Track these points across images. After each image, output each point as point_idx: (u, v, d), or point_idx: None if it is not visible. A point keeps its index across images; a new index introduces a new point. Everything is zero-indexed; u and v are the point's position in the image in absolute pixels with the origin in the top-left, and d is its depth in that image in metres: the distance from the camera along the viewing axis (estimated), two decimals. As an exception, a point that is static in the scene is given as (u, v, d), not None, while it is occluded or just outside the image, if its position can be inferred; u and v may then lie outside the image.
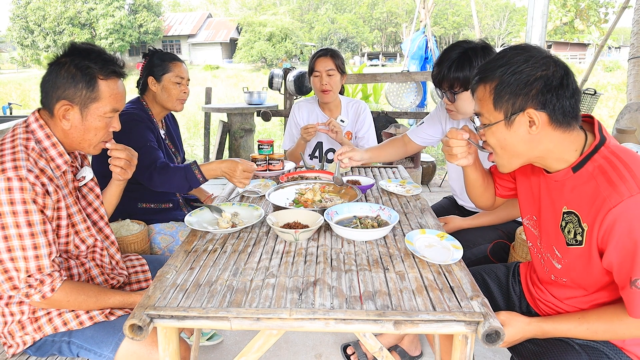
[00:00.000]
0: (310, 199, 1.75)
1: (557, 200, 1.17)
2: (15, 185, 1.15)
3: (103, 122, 1.34)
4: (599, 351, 1.17)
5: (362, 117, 2.63)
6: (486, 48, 1.71)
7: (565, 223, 1.15)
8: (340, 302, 1.08)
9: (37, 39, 32.26)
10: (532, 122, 1.08)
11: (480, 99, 1.15)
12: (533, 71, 1.06)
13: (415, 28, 6.42)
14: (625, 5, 5.75)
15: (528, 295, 1.42)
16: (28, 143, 1.25)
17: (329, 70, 2.44)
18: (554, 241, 1.20)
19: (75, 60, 1.28)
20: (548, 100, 1.05)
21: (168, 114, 2.27)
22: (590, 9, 18.32)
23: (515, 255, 1.77)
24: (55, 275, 1.22)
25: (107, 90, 1.31)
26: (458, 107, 1.79)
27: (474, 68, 1.67)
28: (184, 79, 2.09)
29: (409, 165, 4.58)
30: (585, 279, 1.15)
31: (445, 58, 1.73)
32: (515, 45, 1.12)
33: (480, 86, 1.14)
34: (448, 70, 1.72)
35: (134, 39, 33.00)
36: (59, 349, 1.34)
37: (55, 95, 1.28)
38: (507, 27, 46.00)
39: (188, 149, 7.68)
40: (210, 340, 2.23)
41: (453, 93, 1.75)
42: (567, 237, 1.15)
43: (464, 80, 1.70)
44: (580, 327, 1.12)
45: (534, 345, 1.23)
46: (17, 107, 7.13)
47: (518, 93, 1.07)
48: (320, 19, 45.83)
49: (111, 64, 1.32)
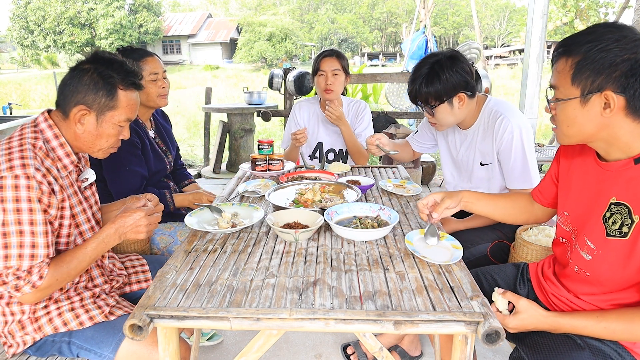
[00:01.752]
0: (310, 199, 1.75)
1: (605, 190, 1.15)
2: (23, 183, 1.16)
3: (116, 130, 1.37)
4: (603, 352, 1.16)
5: (362, 115, 2.66)
6: (453, 57, 1.72)
7: (611, 214, 1.12)
8: (340, 302, 1.08)
9: (37, 39, 32.25)
10: (607, 104, 1.04)
11: (559, 71, 1.10)
12: (622, 52, 1.00)
13: (415, 28, 6.43)
14: (625, 5, 5.76)
15: (539, 292, 1.42)
16: (36, 142, 1.26)
17: (335, 70, 2.45)
18: (588, 232, 1.18)
19: (98, 68, 1.32)
20: (630, 85, 1.01)
21: (157, 111, 2.26)
22: (590, 9, 18.33)
23: (515, 255, 1.77)
24: (43, 264, 1.21)
25: (125, 100, 1.35)
26: (439, 119, 1.82)
27: (443, 81, 1.69)
28: (159, 73, 2.03)
29: (409, 165, 4.58)
30: (614, 274, 1.12)
31: (417, 75, 1.75)
32: (608, 23, 1.08)
33: (562, 59, 1.10)
34: (419, 87, 1.74)
35: (134, 39, 32.99)
36: (59, 349, 1.34)
37: (75, 99, 1.30)
38: (507, 27, 46.00)
39: (188, 149, 7.69)
40: (210, 340, 2.23)
41: (431, 107, 1.77)
42: (609, 227, 1.12)
43: (436, 95, 1.72)
44: (597, 325, 1.11)
45: (541, 338, 1.23)
46: (17, 107, 7.14)
47: (600, 72, 1.02)
48: (320, 19, 45.83)
49: (132, 76, 1.37)
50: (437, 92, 1.72)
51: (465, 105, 1.78)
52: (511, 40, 38.22)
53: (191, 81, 21.54)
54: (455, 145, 2.02)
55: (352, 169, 2.39)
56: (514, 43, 32.31)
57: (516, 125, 1.76)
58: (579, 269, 1.21)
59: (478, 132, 1.89)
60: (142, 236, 1.36)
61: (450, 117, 1.80)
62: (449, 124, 1.85)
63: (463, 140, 1.97)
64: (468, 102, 1.78)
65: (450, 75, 1.69)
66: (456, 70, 1.70)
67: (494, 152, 1.84)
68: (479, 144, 1.89)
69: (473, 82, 1.77)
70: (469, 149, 1.94)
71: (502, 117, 1.78)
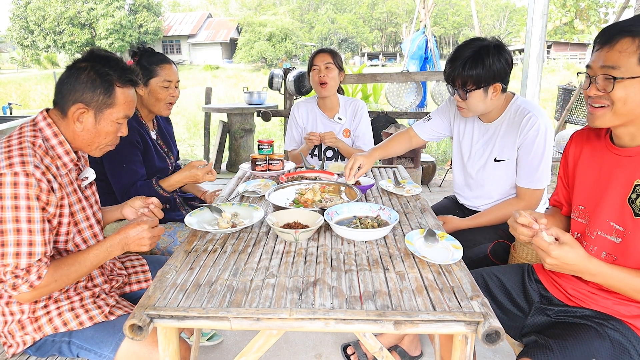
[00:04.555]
0: (310, 199, 1.75)
1: (628, 174, 1.20)
2: (22, 181, 1.16)
3: (114, 127, 1.38)
4: (622, 344, 1.18)
5: (359, 115, 2.67)
6: (499, 47, 1.72)
7: (637, 195, 1.17)
8: (340, 302, 1.08)
9: (37, 39, 32.27)
10: None
11: (621, 51, 1.12)
12: None
13: (415, 28, 6.42)
14: (625, 5, 5.76)
15: (554, 289, 1.42)
16: (35, 140, 1.26)
17: (327, 63, 2.50)
18: (614, 216, 1.22)
19: (95, 66, 1.32)
20: None
21: None
22: (590, 9, 18.32)
23: (515, 255, 1.77)
24: (42, 263, 1.20)
25: (122, 98, 1.36)
26: (469, 104, 1.80)
27: (486, 67, 1.69)
28: (173, 81, 2.04)
29: (409, 165, 4.58)
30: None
31: (459, 55, 1.74)
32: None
33: (626, 39, 1.12)
34: (462, 69, 1.72)
35: (134, 39, 33.00)
36: (59, 349, 1.34)
37: (72, 97, 1.30)
38: (507, 27, 46.00)
39: (188, 149, 7.68)
40: (210, 341, 2.23)
41: (465, 91, 1.76)
42: (636, 208, 1.17)
43: (476, 79, 1.71)
44: (635, 279, 1.12)
45: (561, 330, 1.26)
46: (17, 107, 7.13)
47: None
48: (320, 19, 45.83)
49: (129, 73, 1.37)
50: (478, 76, 1.70)
51: (497, 97, 1.79)
52: (511, 40, 38.20)
53: (191, 81, 21.53)
54: (472, 138, 2.01)
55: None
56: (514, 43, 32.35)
57: (543, 124, 1.77)
58: (607, 254, 1.24)
59: (501, 127, 1.88)
60: (145, 249, 1.36)
61: (482, 104, 1.79)
62: (476, 112, 1.84)
63: (483, 133, 1.96)
64: (500, 94, 1.79)
65: (493, 62, 1.69)
66: (500, 59, 1.70)
67: (514, 147, 1.84)
68: (499, 139, 1.89)
69: (509, 76, 1.78)
70: (488, 143, 1.94)
71: (530, 114, 1.79)
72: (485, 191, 1.99)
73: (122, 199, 1.86)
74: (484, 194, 2.00)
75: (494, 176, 1.94)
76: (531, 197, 1.84)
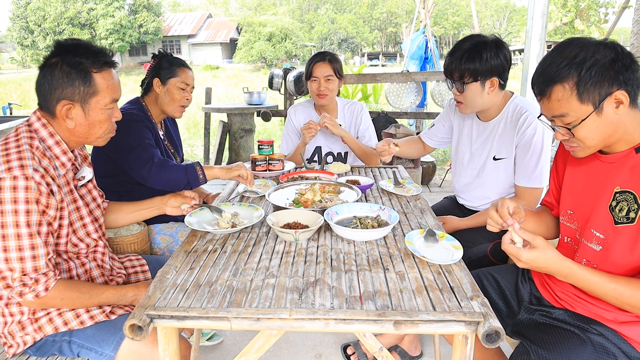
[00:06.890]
0: (310, 199, 1.75)
1: (609, 181, 1.20)
2: (21, 184, 1.15)
3: (105, 114, 1.35)
4: (605, 347, 1.18)
5: (361, 117, 2.63)
6: (498, 43, 1.74)
7: (617, 202, 1.17)
8: (340, 302, 1.08)
9: (37, 39, 32.24)
10: (618, 102, 1.10)
11: (559, 99, 1.14)
12: (604, 54, 1.08)
13: (415, 28, 6.42)
14: (625, 5, 5.76)
15: (543, 290, 1.43)
16: (32, 142, 1.25)
17: (328, 76, 2.42)
18: (596, 224, 1.22)
19: (65, 58, 1.28)
20: (627, 78, 1.09)
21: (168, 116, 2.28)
22: (590, 9, 18.30)
23: (515, 255, 1.78)
24: (50, 274, 1.22)
25: (104, 82, 1.32)
26: (467, 98, 1.82)
27: (484, 60, 1.71)
28: (189, 85, 2.10)
29: (409, 165, 4.58)
30: (624, 259, 1.15)
31: (458, 49, 1.77)
32: (562, 43, 1.15)
33: (556, 87, 1.13)
34: (460, 61, 1.75)
35: (134, 39, 33.00)
36: (60, 349, 1.34)
37: (54, 96, 1.28)
38: (507, 27, 45.99)
39: (188, 149, 7.68)
40: (210, 341, 2.23)
41: (463, 83, 1.78)
42: (616, 215, 1.17)
43: (473, 71, 1.74)
44: (608, 284, 1.12)
45: (544, 333, 1.26)
46: (17, 107, 7.13)
47: (602, 79, 1.09)
48: (320, 19, 45.82)
49: (102, 56, 1.32)
50: (475, 69, 1.73)
51: (495, 93, 1.81)
52: (511, 40, 38.16)
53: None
54: (470, 137, 2.02)
55: (352, 169, 2.39)
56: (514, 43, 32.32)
57: (540, 123, 1.77)
58: (587, 261, 1.25)
59: (499, 125, 1.89)
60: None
61: (479, 98, 1.81)
62: (474, 107, 1.86)
63: (481, 132, 1.97)
64: (497, 91, 1.81)
65: (491, 56, 1.72)
66: (498, 55, 1.73)
67: (512, 146, 1.85)
68: (497, 137, 1.90)
69: (508, 73, 1.80)
70: (486, 141, 1.95)
71: (527, 113, 1.80)
72: (484, 191, 1.99)
73: (148, 176, 1.81)
74: (483, 193, 2.00)
75: (493, 175, 1.94)
76: (530, 196, 1.84)
